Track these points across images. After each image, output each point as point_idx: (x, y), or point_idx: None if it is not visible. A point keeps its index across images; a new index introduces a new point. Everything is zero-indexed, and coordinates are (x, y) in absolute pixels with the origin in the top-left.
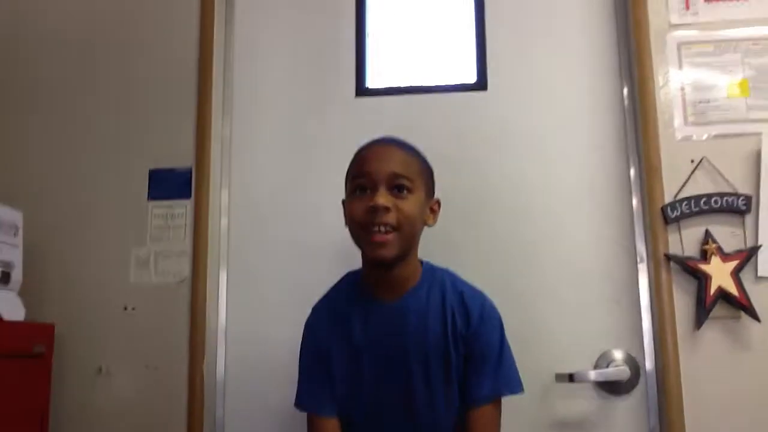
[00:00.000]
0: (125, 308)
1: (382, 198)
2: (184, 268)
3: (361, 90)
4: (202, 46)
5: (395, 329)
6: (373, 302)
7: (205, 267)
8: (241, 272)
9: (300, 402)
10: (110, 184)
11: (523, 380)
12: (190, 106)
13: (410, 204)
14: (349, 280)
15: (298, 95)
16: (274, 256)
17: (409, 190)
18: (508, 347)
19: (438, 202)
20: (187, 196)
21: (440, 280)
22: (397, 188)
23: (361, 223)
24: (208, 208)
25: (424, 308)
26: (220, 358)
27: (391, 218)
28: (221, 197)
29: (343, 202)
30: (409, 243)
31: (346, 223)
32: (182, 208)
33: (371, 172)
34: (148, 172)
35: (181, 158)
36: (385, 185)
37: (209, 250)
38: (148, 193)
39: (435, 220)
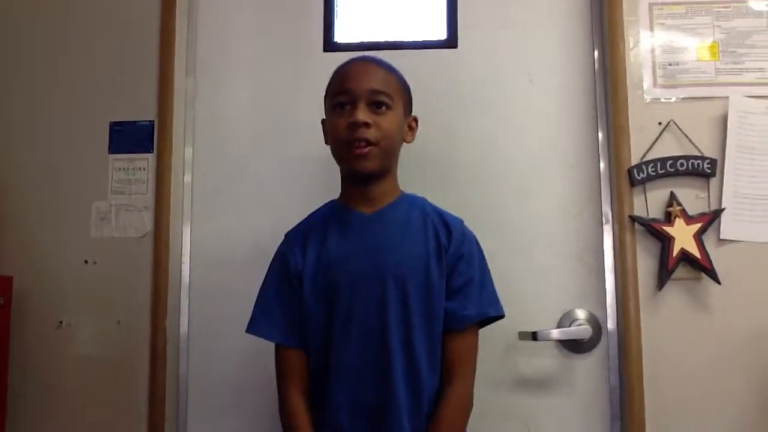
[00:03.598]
0: (86, 262)
1: (362, 114)
2: (147, 222)
3: (329, 45)
4: None
5: (372, 240)
6: (351, 214)
7: (168, 222)
8: (205, 228)
9: (254, 328)
10: (70, 137)
11: (487, 338)
12: (152, 59)
13: (389, 120)
14: (328, 205)
15: (264, 50)
16: (239, 212)
17: (388, 107)
18: (489, 269)
19: (415, 119)
20: (150, 150)
21: (420, 201)
22: (376, 105)
23: (343, 139)
24: (170, 163)
25: (404, 221)
26: (183, 314)
27: (370, 134)
28: (185, 152)
29: (323, 121)
30: (389, 158)
31: (327, 140)
32: (144, 162)
33: (351, 89)
34: (108, 124)
35: (143, 112)
36: (364, 101)
37: (172, 205)
38: (109, 146)
39: (413, 137)
